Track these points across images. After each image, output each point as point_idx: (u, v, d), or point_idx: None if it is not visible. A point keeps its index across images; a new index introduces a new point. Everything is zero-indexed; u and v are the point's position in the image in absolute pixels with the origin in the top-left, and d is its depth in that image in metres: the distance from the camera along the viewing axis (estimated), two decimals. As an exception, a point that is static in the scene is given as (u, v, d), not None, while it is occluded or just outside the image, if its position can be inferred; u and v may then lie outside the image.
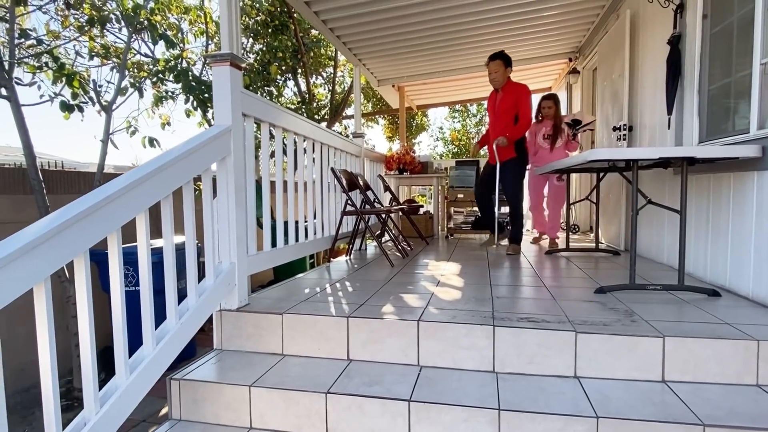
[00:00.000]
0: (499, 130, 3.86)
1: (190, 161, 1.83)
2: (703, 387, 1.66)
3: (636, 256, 2.41)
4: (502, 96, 3.85)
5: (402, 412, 1.60)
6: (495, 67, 3.82)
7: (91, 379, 1.37)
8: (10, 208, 3.29)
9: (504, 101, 3.84)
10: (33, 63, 3.14)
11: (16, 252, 1.12)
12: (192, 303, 1.85)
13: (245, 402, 1.73)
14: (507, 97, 3.82)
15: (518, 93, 3.80)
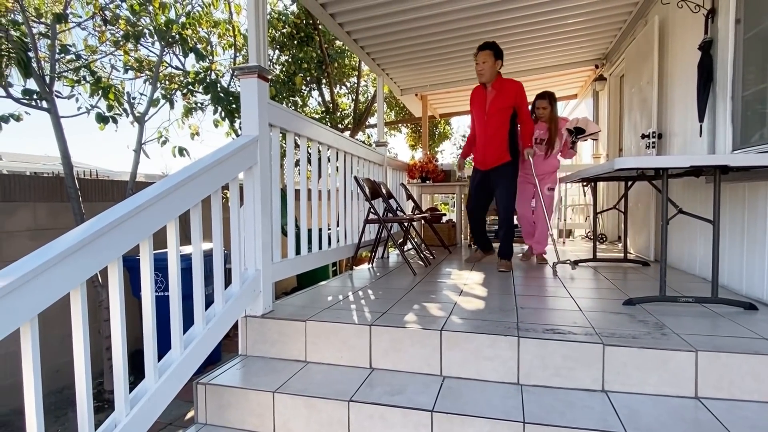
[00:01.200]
0: (492, 131, 3.41)
1: (218, 171, 1.88)
2: (739, 405, 1.60)
3: (667, 267, 2.34)
4: (496, 94, 3.39)
5: (425, 422, 1.59)
6: (484, 58, 3.34)
7: (122, 381, 1.42)
8: (48, 215, 3.43)
9: (499, 100, 3.38)
10: (72, 77, 3.29)
11: (54, 259, 1.17)
12: (219, 309, 1.89)
13: (269, 408, 1.75)
14: (502, 95, 3.38)
15: (517, 92, 3.38)
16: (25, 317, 1.12)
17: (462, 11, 3.99)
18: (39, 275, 1.14)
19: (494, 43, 3.38)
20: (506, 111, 3.37)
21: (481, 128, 3.48)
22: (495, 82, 3.39)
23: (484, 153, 3.46)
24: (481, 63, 3.35)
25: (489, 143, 3.42)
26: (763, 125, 2.42)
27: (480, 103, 3.47)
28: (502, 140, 3.38)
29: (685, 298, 2.29)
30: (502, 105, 3.36)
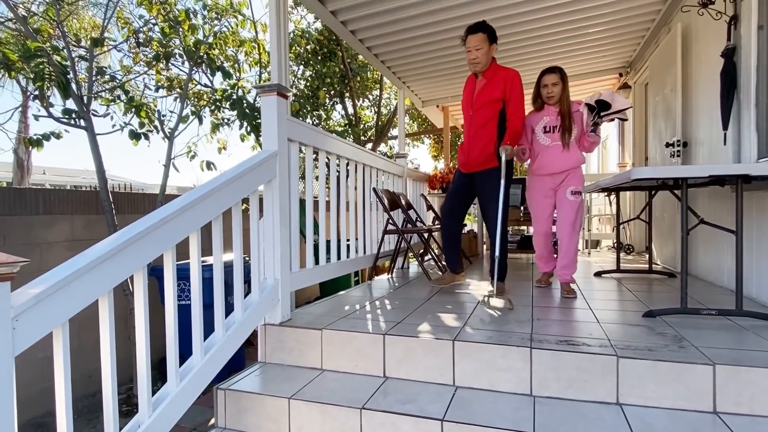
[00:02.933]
0: (477, 128, 2.86)
1: (239, 184, 1.98)
2: (759, 420, 1.55)
3: (690, 278, 2.30)
4: (485, 83, 2.83)
5: (435, 431, 1.61)
6: (476, 42, 2.76)
7: (145, 384, 1.50)
8: (84, 227, 3.62)
9: (487, 90, 2.82)
10: (107, 96, 3.49)
11: (83, 268, 1.26)
12: (238, 317, 1.97)
13: (285, 414, 1.81)
14: (491, 84, 2.82)
15: (507, 79, 2.79)
16: (57, 322, 1.21)
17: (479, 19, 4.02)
18: (70, 283, 1.23)
19: (486, 23, 2.83)
20: (495, 104, 2.82)
21: (466, 125, 2.96)
22: (488, 71, 2.85)
23: (468, 154, 2.91)
24: (474, 50, 2.78)
25: (474, 142, 2.88)
26: (788, 133, 2.35)
27: (467, 94, 2.96)
28: (488, 140, 2.82)
29: (707, 311, 2.23)
30: (491, 97, 2.81)
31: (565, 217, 2.83)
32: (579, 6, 3.84)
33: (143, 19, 3.88)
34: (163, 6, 3.66)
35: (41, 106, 3.05)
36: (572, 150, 2.84)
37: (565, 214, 2.83)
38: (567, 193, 2.82)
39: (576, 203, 2.82)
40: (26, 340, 1.12)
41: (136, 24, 3.99)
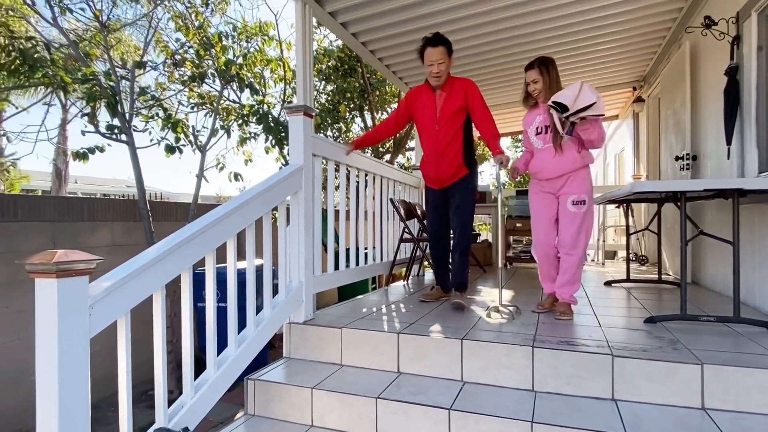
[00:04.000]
0: (445, 143, 2.80)
1: (269, 196, 2.21)
2: (744, 416, 1.68)
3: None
4: (447, 97, 2.79)
5: (443, 419, 1.78)
6: (439, 56, 2.71)
7: (189, 371, 1.72)
8: (123, 233, 3.92)
9: (449, 103, 2.78)
10: (146, 113, 3.80)
11: (141, 267, 1.49)
12: (267, 314, 2.18)
13: (308, 402, 2.01)
14: (452, 97, 2.79)
15: (465, 88, 2.79)
16: (121, 312, 1.44)
17: (499, 41, 4.16)
18: (131, 280, 1.46)
19: (442, 34, 2.78)
20: (459, 115, 2.80)
21: (430, 140, 2.86)
22: (446, 84, 2.82)
23: (438, 169, 2.84)
24: (437, 64, 2.72)
25: (443, 157, 2.82)
26: (783, 149, 2.47)
27: (427, 109, 2.86)
28: (457, 151, 2.81)
29: (706, 317, 2.35)
30: (454, 108, 2.79)
31: (565, 229, 2.53)
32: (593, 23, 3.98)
33: (179, 42, 4.21)
34: (199, 30, 3.97)
35: (90, 123, 3.36)
36: (567, 152, 2.49)
37: (566, 227, 2.52)
38: (568, 204, 2.50)
39: (579, 214, 2.49)
40: (98, 326, 1.35)
41: (173, 46, 4.32)
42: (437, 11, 3.61)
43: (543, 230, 2.65)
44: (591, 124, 2.38)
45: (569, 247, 2.54)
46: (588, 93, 2.29)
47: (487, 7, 3.59)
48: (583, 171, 2.53)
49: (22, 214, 3.28)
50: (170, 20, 4.57)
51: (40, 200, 3.49)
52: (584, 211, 2.51)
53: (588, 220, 2.54)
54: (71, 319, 1.25)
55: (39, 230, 3.37)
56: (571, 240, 2.53)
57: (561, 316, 2.53)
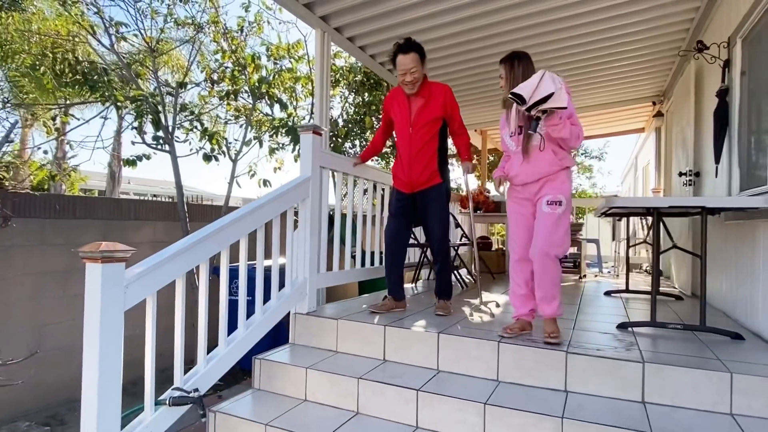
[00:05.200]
0: (418, 148, 2.79)
1: (279, 202, 2.58)
2: (678, 410, 1.87)
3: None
4: (423, 103, 2.79)
5: (412, 398, 2.08)
6: (411, 64, 2.67)
7: (203, 346, 2.11)
8: (164, 231, 4.43)
9: (427, 110, 2.78)
10: (187, 126, 4.30)
11: (166, 259, 1.88)
12: (273, 304, 2.55)
13: (302, 380, 2.35)
14: (431, 104, 2.79)
15: (445, 96, 2.81)
16: (149, 292, 1.83)
17: None
18: (157, 268, 1.85)
19: (412, 40, 2.74)
20: (435, 123, 2.81)
21: (404, 143, 2.84)
22: (423, 89, 2.80)
23: (410, 173, 2.82)
24: (409, 73, 2.69)
25: (415, 162, 2.81)
26: (755, 169, 2.61)
27: (402, 112, 2.84)
28: (430, 158, 2.81)
29: (674, 325, 2.52)
30: (432, 116, 2.79)
31: (538, 231, 2.26)
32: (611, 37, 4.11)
33: (218, 62, 4.72)
34: (235, 54, 4.46)
35: (138, 135, 3.89)
36: (543, 153, 2.26)
37: (538, 228, 2.27)
38: (543, 205, 2.26)
39: (553, 215, 2.23)
40: (131, 301, 1.74)
41: (212, 64, 4.84)
42: (455, 33, 3.90)
43: (520, 240, 2.40)
44: (559, 119, 2.13)
45: (540, 250, 2.22)
46: (547, 83, 2.06)
47: (508, 27, 3.83)
48: (561, 174, 2.28)
49: (80, 213, 3.82)
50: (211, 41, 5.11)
51: (94, 201, 4.04)
52: (559, 212, 2.24)
53: (563, 223, 2.26)
54: (111, 294, 1.65)
55: (93, 227, 3.91)
56: (543, 243, 2.22)
57: (550, 338, 2.22)
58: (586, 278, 5.32)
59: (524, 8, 3.59)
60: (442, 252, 2.96)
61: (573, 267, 5.46)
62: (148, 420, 1.82)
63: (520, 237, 2.42)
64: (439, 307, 2.88)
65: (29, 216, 3.38)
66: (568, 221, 2.31)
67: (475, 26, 3.84)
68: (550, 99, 2.05)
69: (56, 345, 3.61)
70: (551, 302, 2.28)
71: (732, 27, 3.01)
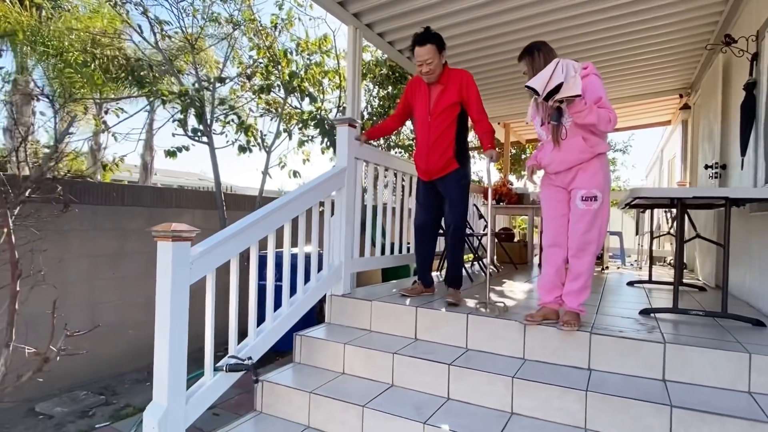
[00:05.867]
0: (436, 135, 2.84)
1: (318, 191, 2.76)
2: (697, 388, 1.99)
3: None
4: (442, 90, 2.83)
5: (443, 372, 2.24)
6: (427, 56, 2.72)
7: (252, 321, 2.31)
8: (202, 219, 4.68)
9: (445, 96, 2.82)
10: (223, 119, 4.52)
11: (223, 240, 2.08)
12: (312, 285, 2.75)
13: (341, 355, 2.54)
14: (448, 90, 2.82)
15: (461, 82, 2.82)
16: (209, 269, 2.04)
17: None
18: (216, 248, 2.05)
19: (430, 31, 2.77)
20: (453, 109, 2.84)
21: (423, 131, 2.90)
22: (442, 76, 2.84)
23: (428, 161, 2.89)
24: (425, 64, 2.75)
25: (433, 149, 2.86)
26: (782, 162, 2.66)
27: (422, 100, 2.91)
28: (447, 144, 2.85)
29: (695, 311, 2.61)
30: (449, 101, 2.82)
31: (573, 227, 2.32)
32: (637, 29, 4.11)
33: (252, 58, 4.93)
34: (268, 50, 4.65)
35: (180, 127, 4.12)
36: (572, 141, 2.26)
37: (573, 225, 2.32)
38: (577, 200, 2.28)
39: (588, 212, 2.26)
40: (195, 276, 1.95)
41: (246, 60, 5.05)
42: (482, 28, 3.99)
43: (553, 228, 2.43)
44: (583, 105, 2.11)
45: (576, 248, 2.32)
46: (558, 73, 2.08)
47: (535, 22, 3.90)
48: (594, 162, 2.26)
49: (127, 201, 4.09)
50: (244, 36, 5.31)
51: (140, 190, 4.31)
52: (595, 208, 2.25)
53: (600, 219, 2.29)
54: (179, 269, 1.85)
55: (139, 214, 4.17)
56: (579, 240, 2.29)
57: (564, 326, 2.26)
58: (609, 270, 5.39)
59: (552, 2, 3.66)
60: (456, 238, 2.96)
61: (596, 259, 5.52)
62: (208, 383, 2.04)
63: (553, 224, 2.45)
64: (450, 296, 2.85)
65: (84, 203, 3.65)
66: (605, 213, 2.34)
67: (502, 21, 3.92)
68: (561, 89, 2.07)
69: (107, 322, 3.89)
70: (579, 295, 2.35)
71: (761, 20, 3.04)
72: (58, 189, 3.01)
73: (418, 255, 3.14)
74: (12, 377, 2.34)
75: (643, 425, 1.82)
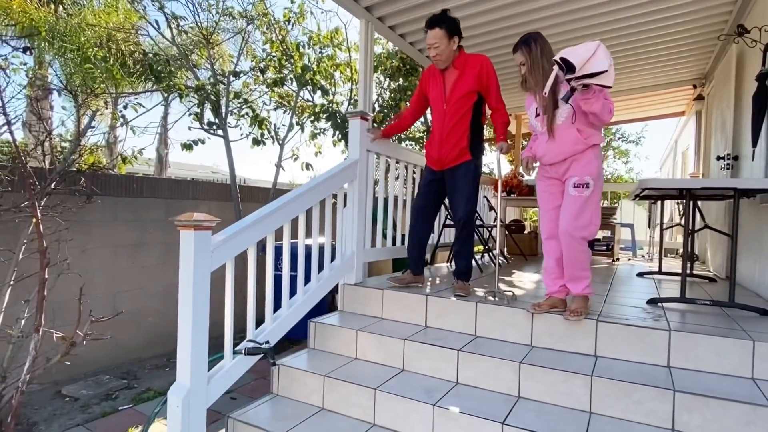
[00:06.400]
0: (452, 124, 2.78)
1: (331, 182, 2.84)
2: (701, 374, 2.04)
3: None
4: (458, 75, 2.76)
5: (453, 357, 2.32)
6: (434, 39, 2.67)
7: (269, 308, 2.41)
8: (218, 210, 4.80)
9: (461, 83, 2.75)
10: (238, 113, 4.62)
11: (242, 230, 2.17)
12: (326, 274, 2.83)
13: (353, 341, 2.63)
14: (465, 76, 2.74)
15: (481, 68, 2.73)
16: (228, 257, 2.13)
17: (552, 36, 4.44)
18: (235, 237, 2.14)
19: (444, 14, 2.71)
20: (470, 97, 2.76)
21: (438, 120, 2.84)
22: (457, 61, 2.77)
23: (440, 150, 2.84)
24: (433, 48, 2.69)
25: (447, 138, 2.81)
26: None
27: (437, 88, 2.84)
28: (462, 134, 2.80)
29: (702, 301, 2.65)
30: (466, 89, 2.74)
31: (565, 213, 2.32)
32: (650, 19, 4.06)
33: (265, 51, 5.01)
34: (281, 44, 4.72)
35: (196, 120, 4.22)
36: (566, 132, 2.29)
37: (564, 209, 2.33)
38: (569, 187, 2.30)
39: (580, 198, 2.27)
40: (216, 263, 2.04)
41: (259, 54, 5.13)
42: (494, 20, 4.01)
43: (548, 220, 2.46)
44: (592, 93, 2.08)
45: (567, 232, 2.29)
46: (602, 58, 1.97)
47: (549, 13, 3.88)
48: (588, 152, 2.29)
49: (146, 192, 4.21)
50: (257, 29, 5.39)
51: (158, 182, 4.43)
52: (586, 195, 2.27)
53: (591, 206, 2.30)
54: (201, 256, 1.94)
55: (157, 205, 4.30)
56: (570, 224, 2.28)
57: (571, 315, 2.29)
58: (619, 261, 5.40)
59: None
60: (465, 230, 2.91)
61: (606, 250, 5.54)
62: (228, 366, 2.14)
63: (549, 216, 2.47)
64: (458, 288, 2.82)
65: (105, 194, 3.78)
66: (596, 202, 2.33)
67: (514, 12, 3.93)
68: (599, 75, 1.97)
69: (128, 310, 4.03)
70: (579, 281, 2.37)
71: (775, 11, 3.03)
72: (81, 181, 3.13)
73: (413, 237, 3.06)
74: (41, 360, 2.47)
75: (647, 409, 1.88)
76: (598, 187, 2.31)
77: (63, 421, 2.88)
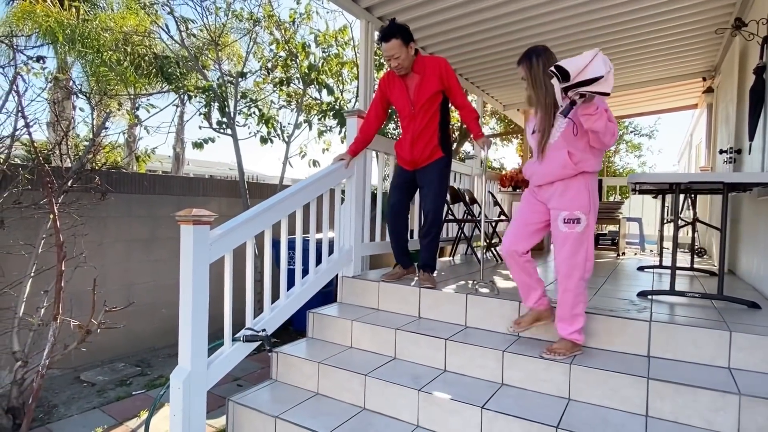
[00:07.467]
0: (422, 126, 2.85)
1: (328, 179, 2.95)
2: (679, 364, 2.10)
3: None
4: (420, 79, 2.80)
5: (441, 346, 2.42)
6: (392, 51, 2.69)
7: (267, 298, 2.54)
8: (227, 206, 4.97)
9: (425, 86, 2.80)
10: (246, 112, 4.77)
11: (240, 224, 2.30)
12: (323, 267, 2.96)
13: (348, 330, 2.75)
14: (426, 79, 2.80)
15: (440, 69, 2.80)
16: (227, 250, 2.27)
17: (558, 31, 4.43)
18: (233, 231, 2.28)
19: (395, 24, 2.74)
20: (435, 98, 2.84)
21: (407, 123, 2.91)
22: (416, 65, 2.82)
23: (413, 151, 2.91)
24: (393, 59, 2.73)
25: (418, 139, 2.88)
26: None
27: (401, 93, 2.88)
28: (432, 134, 2.88)
29: (692, 294, 2.69)
30: (431, 91, 2.81)
31: (558, 252, 2.17)
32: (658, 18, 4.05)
33: (272, 51, 5.15)
34: (287, 44, 4.86)
35: (204, 120, 4.39)
36: (555, 154, 2.11)
37: (557, 249, 2.18)
38: (559, 222, 2.12)
39: (571, 235, 2.09)
40: (215, 256, 2.18)
41: (266, 54, 5.27)
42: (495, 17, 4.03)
43: (513, 233, 2.29)
44: (595, 109, 1.91)
45: (561, 274, 2.15)
46: (598, 64, 1.84)
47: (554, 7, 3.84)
48: (577, 180, 2.09)
49: (158, 189, 4.40)
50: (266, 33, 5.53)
51: (170, 179, 4.62)
52: (579, 231, 2.09)
53: (586, 242, 2.12)
54: (200, 250, 2.08)
55: (169, 202, 4.48)
56: (564, 265, 2.13)
57: (546, 353, 2.15)
58: (625, 255, 5.40)
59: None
60: (435, 225, 2.99)
61: (611, 245, 5.54)
62: (227, 352, 2.29)
63: (517, 229, 2.29)
64: (424, 279, 2.92)
65: (119, 191, 3.97)
66: (590, 236, 2.14)
67: (516, 9, 3.96)
68: (596, 82, 1.83)
69: (142, 301, 4.24)
70: (570, 323, 2.17)
71: (772, 4, 3.02)
72: (96, 179, 3.31)
73: (392, 234, 3.13)
74: (59, 347, 2.66)
75: (622, 396, 1.96)
76: (592, 218, 2.12)
77: (81, 404, 3.08)
